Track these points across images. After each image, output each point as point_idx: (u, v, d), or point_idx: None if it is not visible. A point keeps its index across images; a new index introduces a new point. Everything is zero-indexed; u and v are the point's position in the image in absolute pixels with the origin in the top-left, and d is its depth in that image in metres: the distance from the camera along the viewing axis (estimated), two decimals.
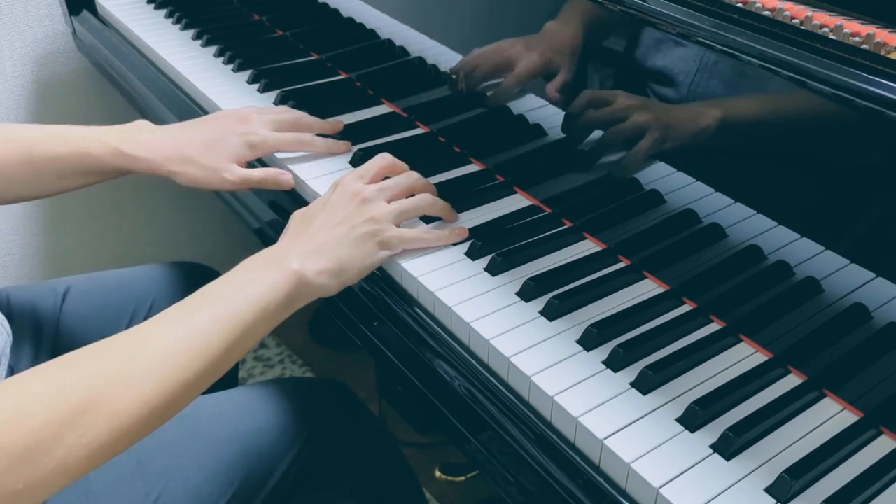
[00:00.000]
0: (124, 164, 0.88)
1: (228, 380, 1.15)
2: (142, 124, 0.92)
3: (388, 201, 0.80)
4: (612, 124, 0.81)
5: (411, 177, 0.84)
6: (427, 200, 0.83)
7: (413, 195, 0.83)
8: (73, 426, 0.56)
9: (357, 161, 0.95)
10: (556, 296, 0.74)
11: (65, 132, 0.88)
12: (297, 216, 0.80)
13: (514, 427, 0.68)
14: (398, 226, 0.80)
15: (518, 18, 0.88)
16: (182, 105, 1.15)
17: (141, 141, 0.88)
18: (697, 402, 0.64)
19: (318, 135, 0.97)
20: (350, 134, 0.99)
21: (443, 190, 0.90)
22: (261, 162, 0.97)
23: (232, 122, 0.92)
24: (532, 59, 0.86)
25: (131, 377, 0.60)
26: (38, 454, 0.54)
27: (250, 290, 0.69)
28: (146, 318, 1.02)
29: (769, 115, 0.69)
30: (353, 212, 0.77)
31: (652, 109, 0.77)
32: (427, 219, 0.85)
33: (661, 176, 0.80)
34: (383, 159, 0.84)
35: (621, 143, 0.81)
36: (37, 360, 0.94)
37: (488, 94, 0.94)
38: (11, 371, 0.86)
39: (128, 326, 1.01)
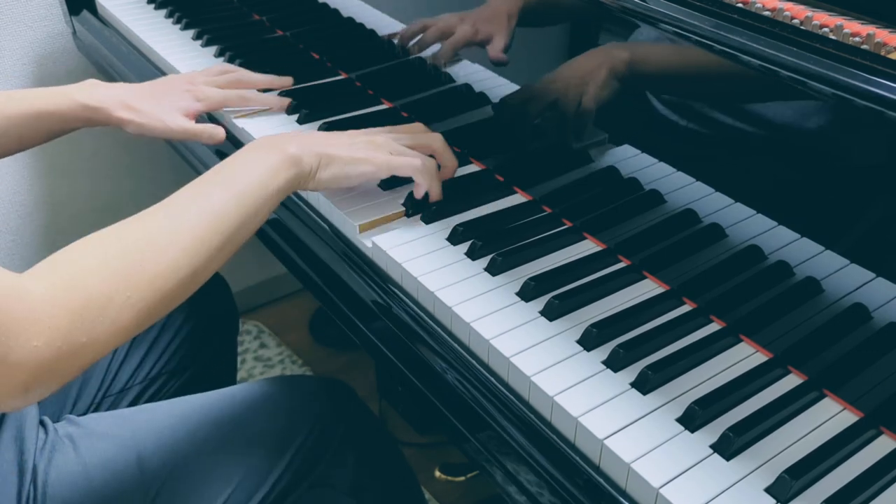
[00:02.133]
0: (84, 115, 0.95)
1: (228, 378, 1.15)
2: (93, 81, 0.99)
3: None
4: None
5: (435, 138, 0.89)
6: (429, 140, 0.88)
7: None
8: (120, 289, 0.63)
9: None
10: (556, 296, 0.74)
11: (25, 93, 0.95)
12: None
13: (514, 427, 0.68)
14: None
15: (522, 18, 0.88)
16: None
17: (95, 93, 0.96)
18: (697, 402, 0.64)
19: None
20: None
21: (443, 190, 0.90)
22: (212, 119, 1.06)
23: (179, 80, 1.03)
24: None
25: (163, 245, 0.67)
26: (94, 313, 0.62)
27: (254, 172, 0.75)
28: None
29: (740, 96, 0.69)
30: (361, 139, 0.85)
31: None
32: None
33: (661, 176, 0.80)
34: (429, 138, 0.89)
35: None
36: None
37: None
38: None
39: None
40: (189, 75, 1.04)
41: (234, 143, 1.03)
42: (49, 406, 0.95)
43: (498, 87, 0.93)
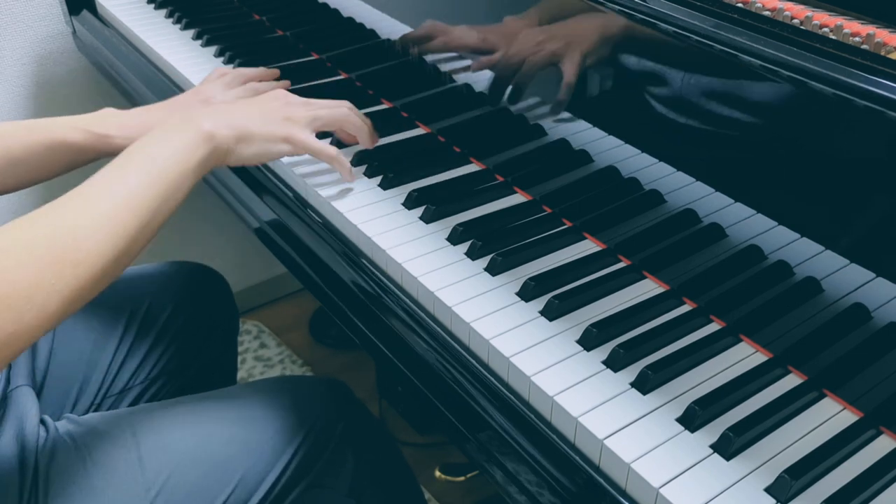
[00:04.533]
0: (98, 146, 0.93)
1: (228, 378, 1.15)
2: (108, 110, 0.97)
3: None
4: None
5: (345, 104, 0.92)
6: (344, 112, 0.90)
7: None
8: (46, 276, 0.63)
9: (355, 161, 0.95)
10: (556, 296, 0.74)
11: (36, 124, 0.93)
12: None
13: (514, 427, 0.68)
14: None
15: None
16: None
17: (111, 123, 0.94)
18: (697, 402, 0.64)
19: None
20: None
21: (443, 189, 0.90)
22: None
23: (191, 95, 1.01)
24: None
25: (85, 232, 0.67)
26: (20, 302, 0.61)
27: (170, 150, 0.76)
28: (143, 318, 1.02)
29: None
30: (273, 107, 0.86)
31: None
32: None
33: (661, 176, 0.80)
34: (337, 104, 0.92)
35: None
36: (31, 357, 0.94)
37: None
38: (7, 376, 0.87)
39: (125, 327, 1.01)
40: (197, 87, 1.03)
41: None
42: (49, 406, 0.95)
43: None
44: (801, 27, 0.66)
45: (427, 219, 0.86)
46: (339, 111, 0.90)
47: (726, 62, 0.68)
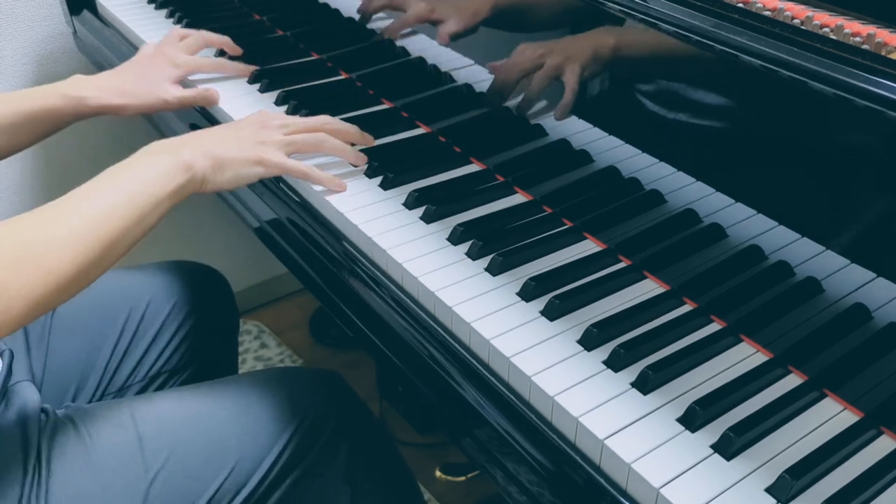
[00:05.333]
0: (77, 109, 0.98)
1: (229, 370, 1.16)
2: (78, 76, 1.01)
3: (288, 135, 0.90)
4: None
5: (321, 119, 0.93)
6: (319, 138, 0.91)
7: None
8: (14, 279, 0.66)
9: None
10: (556, 296, 0.74)
11: (16, 95, 0.97)
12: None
13: (515, 427, 0.68)
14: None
15: (520, 19, 0.88)
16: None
17: (85, 85, 0.99)
18: (698, 402, 0.64)
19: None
20: None
21: (443, 189, 0.90)
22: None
23: (151, 54, 1.07)
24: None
25: (56, 242, 0.70)
26: None
27: (147, 176, 0.78)
28: (143, 318, 1.03)
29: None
30: (249, 133, 0.88)
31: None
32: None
33: (662, 176, 0.80)
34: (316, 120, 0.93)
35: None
36: (29, 357, 0.95)
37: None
38: (9, 368, 0.87)
39: (124, 326, 1.02)
40: (157, 46, 1.08)
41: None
42: (49, 401, 0.95)
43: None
44: (802, 27, 0.66)
45: (427, 219, 0.86)
46: (313, 138, 0.90)
47: (726, 62, 0.68)
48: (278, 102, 1.08)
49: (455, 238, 0.82)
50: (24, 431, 0.81)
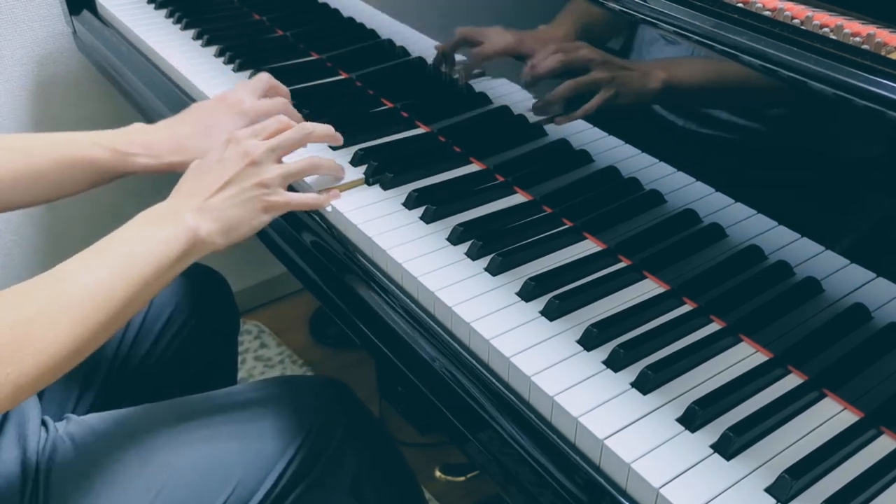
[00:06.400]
0: (123, 165, 0.89)
1: (228, 378, 1.15)
2: (135, 126, 0.93)
3: (278, 160, 0.83)
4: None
5: (303, 131, 0.86)
6: (314, 162, 0.86)
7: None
8: (2, 363, 0.62)
9: (356, 161, 0.95)
10: (556, 296, 0.74)
11: (61, 139, 0.89)
12: (193, 168, 0.83)
13: (515, 427, 0.68)
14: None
15: (519, 18, 0.88)
16: (182, 105, 1.14)
17: (136, 140, 0.90)
18: (698, 402, 0.64)
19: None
20: (349, 133, 0.99)
21: (443, 189, 0.90)
22: None
23: (216, 102, 0.95)
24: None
25: (49, 321, 0.66)
26: None
27: (148, 246, 0.74)
28: (144, 320, 1.03)
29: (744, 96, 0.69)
30: (242, 173, 0.81)
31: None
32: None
33: (662, 176, 0.80)
34: (278, 122, 0.86)
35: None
36: None
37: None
38: None
39: (126, 329, 1.01)
40: (220, 94, 0.97)
41: None
42: (51, 407, 0.95)
43: (496, 87, 0.93)
44: (802, 27, 0.66)
45: (427, 219, 0.86)
46: (308, 163, 0.85)
47: (726, 62, 0.68)
48: None
49: (455, 238, 0.82)
50: (23, 454, 0.79)
